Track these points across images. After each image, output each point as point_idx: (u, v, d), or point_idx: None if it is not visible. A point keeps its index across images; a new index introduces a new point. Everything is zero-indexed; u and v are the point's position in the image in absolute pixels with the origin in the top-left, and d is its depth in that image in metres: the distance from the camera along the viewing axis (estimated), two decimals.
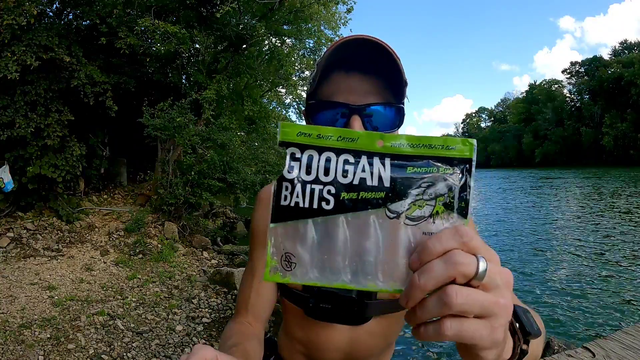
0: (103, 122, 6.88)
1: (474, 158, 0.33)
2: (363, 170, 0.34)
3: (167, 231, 6.21)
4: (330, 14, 9.29)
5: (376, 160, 0.34)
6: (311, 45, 9.79)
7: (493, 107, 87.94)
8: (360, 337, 0.75)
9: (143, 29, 6.50)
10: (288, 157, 0.35)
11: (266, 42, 9.04)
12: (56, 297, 4.00)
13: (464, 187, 0.33)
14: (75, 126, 5.95)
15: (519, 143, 61.87)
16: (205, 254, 6.13)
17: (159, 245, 5.78)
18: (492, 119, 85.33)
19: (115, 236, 5.85)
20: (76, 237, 5.64)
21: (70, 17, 6.80)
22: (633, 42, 53.68)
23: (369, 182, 0.33)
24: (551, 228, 9.20)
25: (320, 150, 0.34)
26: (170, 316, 3.94)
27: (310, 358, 0.83)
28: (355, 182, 0.33)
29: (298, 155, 0.35)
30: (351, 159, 0.34)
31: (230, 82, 8.02)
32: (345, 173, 0.34)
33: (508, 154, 65.42)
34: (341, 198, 0.33)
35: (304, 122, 0.68)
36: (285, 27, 8.90)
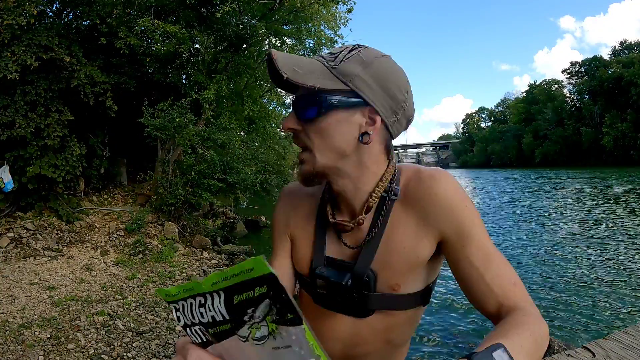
0: (103, 122, 6.89)
1: (271, 269, 0.36)
2: (209, 310, 0.41)
3: (167, 231, 6.21)
4: (330, 14, 9.29)
5: (215, 297, 0.40)
6: (311, 45, 9.79)
7: (493, 107, 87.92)
8: (361, 331, 0.75)
9: (143, 29, 6.51)
10: (173, 311, 0.45)
11: (266, 42, 9.03)
12: (56, 297, 4.00)
13: (279, 300, 0.36)
14: (75, 126, 5.95)
15: (519, 143, 61.81)
16: (205, 254, 6.14)
17: (159, 245, 5.78)
18: (492, 119, 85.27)
19: (115, 236, 5.86)
20: (76, 237, 5.64)
21: (70, 17, 6.80)
22: (633, 42, 53.65)
23: (217, 318, 0.41)
24: (551, 228, 9.20)
25: (184, 299, 0.43)
26: (170, 316, 3.94)
27: None
28: (210, 320, 0.41)
29: (177, 307, 0.44)
30: (202, 300, 0.42)
31: (230, 82, 8.02)
32: (202, 315, 0.42)
33: (508, 154, 65.35)
34: (211, 333, 0.42)
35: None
36: (285, 27, 8.89)
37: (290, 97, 0.78)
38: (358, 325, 0.75)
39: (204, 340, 0.43)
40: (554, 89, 59.40)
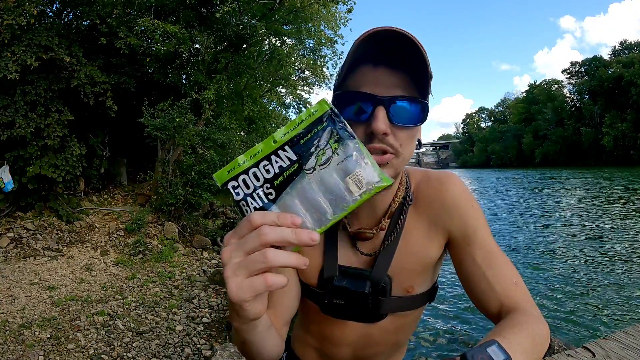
0: (103, 122, 6.88)
1: (330, 105, 0.46)
2: (277, 162, 0.46)
3: (167, 231, 6.21)
4: (330, 14, 9.28)
5: (280, 152, 0.46)
6: (311, 45, 9.79)
7: (493, 107, 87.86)
8: (373, 334, 0.75)
9: (143, 29, 6.50)
10: (231, 190, 0.47)
11: (266, 42, 9.03)
12: (56, 297, 4.00)
13: (337, 123, 0.46)
14: (75, 126, 5.95)
15: (519, 143, 61.79)
16: (205, 254, 6.14)
17: (159, 245, 5.78)
18: (492, 119, 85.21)
19: (115, 236, 5.86)
20: (76, 237, 5.64)
21: (70, 17, 6.79)
22: (633, 42, 53.63)
23: (284, 165, 0.46)
24: (551, 228, 9.19)
25: (246, 171, 0.47)
26: (170, 316, 3.94)
27: (322, 352, 0.83)
28: (277, 170, 0.46)
29: (235, 184, 0.47)
30: (267, 163, 0.46)
31: (230, 82, 8.02)
32: (267, 172, 0.46)
33: (508, 154, 65.33)
34: (277, 184, 0.46)
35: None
36: (285, 27, 8.89)
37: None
38: (369, 329, 0.75)
39: (265, 201, 0.46)
40: (554, 89, 59.37)
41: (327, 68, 10.35)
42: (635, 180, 20.13)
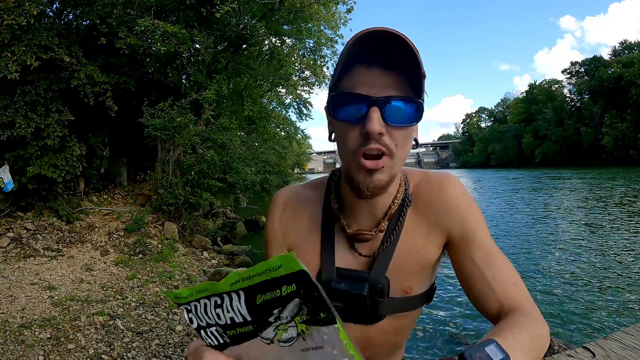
0: (103, 122, 6.89)
1: (303, 266, 0.33)
2: (228, 311, 0.38)
3: (167, 231, 6.21)
4: (330, 14, 9.29)
5: (234, 297, 0.37)
6: (311, 45, 9.79)
7: (493, 107, 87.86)
8: (371, 336, 0.75)
9: (143, 29, 6.50)
10: (185, 313, 0.42)
11: (266, 42, 9.03)
12: (56, 297, 4.00)
13: (312, 299, 0.33)
14: (75, 126, 5.95)
15: (519, 143, 61.79)
16: (205, 254, 6.14)
17: (159, 245, 5.78)
18: (492, 119, 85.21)
19: (115, 236, 5.86)
20: (76, 237, 5.64)
21: (70, 17, 6.80)
22: (633, 42, 53.64)
23: (236, 320, 0.38)
24: (551, 228, 9.20)
25: (197, 300, 0.40)
26: (170, 316, 3.94)
27: None
28: (228, 321, 0.39)
29: (188, 308, 0.41)
30: (219, 300, 0.39)
31: (230, 82, 8.02)
32: (218, 316, 0.39)
33: (508, 154, 65.34)
34: (230, 335, 0.39)
35: (302, 124, 0.69)
36: (285, 27, 8.90)
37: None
38: (367, 331, 0.74)
39: (221, 342, 0.41)
40: (554, 89, 59.38)
41: (327, 68, 10.35)
42: (636, 180, 20.14)
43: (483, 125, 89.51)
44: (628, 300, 4.59)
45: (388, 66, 0.60)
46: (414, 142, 0.67)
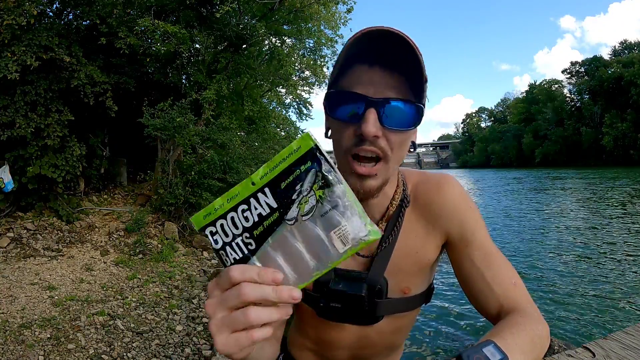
0: (103, 122, 6.88)
1: (316, 141, 0.41)
2: (256, 208, 0.43)
3: (167, 231, 6.21)
4: (330, 13, 9.29)
5: (260, 196, 0.42)
6: (311, 45, 9.79)
7: (493, 107, 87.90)
8: (370, 336, 0.75)
9: (143, 29, 6.50)
10: (209, 236, 0.45)
11: (266, 42, 9.03)
12: (56, 297, 4.00)
13: (323, 164, 0.40)
14: (75, 126, 5.95)
15: (519, 143, 61.80)
16: (205, 253, 6.13)
17: (159, 245, 5.78)
18: (492, 119, 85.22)
19: (115, 236, 5.85)
20: (76, 237, 5.64)
21: (70, 17, 6.79)
22: (633, 42, 53.64)
23: (263, 213, 0.42)
24: (551, 228, 9.19)
25: (224, 215, 0.44)
26: (170, 316, 3.94)
27: (319, 355, 0.83)
28: (256, 219, 0.43)
29: (213, 230, 0.44)
30: (246, 206, 0.43)
31: (230, 82, 8.02)
32: (246, 219, 0.43)
33: (508, 154, 65.35)
34: (256, 234, 0.43)
35: (302, 124, 0.69)
36: (285, 27, 8.89)
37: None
38: (366, 331, 0.74)
39: (245, 252, 0.43)
40: (554, 89, 59.38)
41: (327, 68, 10.35)
42: (636, 180, 20.12)
43: (483, 125, 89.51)
44: (628, 300, 4.59)
45: (389, 67, 0.59)
46: (410, 146, 0.66)
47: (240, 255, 0.43)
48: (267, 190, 0.42)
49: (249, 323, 0.39)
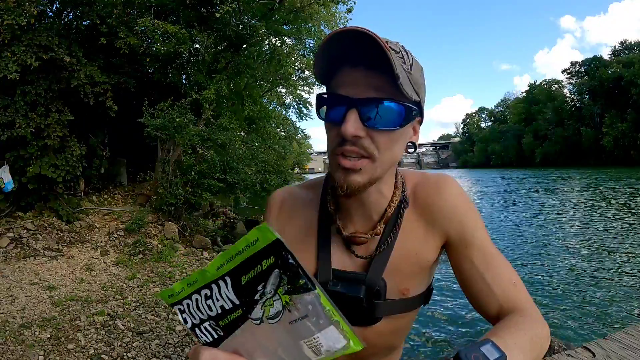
0: (103, 122, 6.88)
1: (277, 235, 0.35)
2: (217, 299, 0.40)
3: (167, 231, 6.21)
4: (330, 14, 9.30)
5: (221, 284, 0.39)
6: (311, 45, 9.79)
7: (493, 107, 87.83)
8: (368, 337, 0.75)
9: (143, 29, 6.50)
10: (178, 313, 0.44)
11: (266, 42, 9.04)
12: (56, 297, 4.00)
13: (288, 266, 0.35)
14: (75, 126, 5.95)
15: (519, 143, 61.81)
16: (205, 254, 6.13)
17: (159, 245, 5.78)
18: (492, 119, 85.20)
19: (115, 236, 5.85)
20: (76, 237, 5.64)
21: (70, 17, 6.79)
22: (633, 42, 53.65)
23: (226, 307, 0.39)
24: (551, 228, 9.19)
25: (189, 296, 0.42)
26: (170, 316, 3.94)
27: None
28: (219, 310, 0.40)
29: (181, 308, 0.43)
30: (208, 292, 0.40)
31: (230, 82, 8.02)
32: (209, 308, 0.41)
33: (508, 154, 65.35)
34: (222, 325, 0.41)
35: (302, 124, 0.69)
36: (285, 27, 8.90)
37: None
38: (364, 333, 0.74)
39: (215, 337, 0.42)
40: (554, 89, 59.41)
41: None
42: (636, 180, 20.12)
43: (483, 125, 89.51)
44: (628, 300, 4.59)
45: (372, 67, 0.58)
46: (411, 146, 0.66)
47: (211, 339, 0.42)
48: (227, 279, 0.39)
49: None
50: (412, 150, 0.67)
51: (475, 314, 4.24)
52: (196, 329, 0.43)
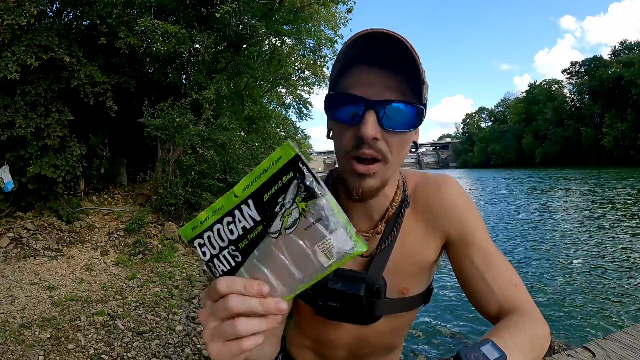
0: (103, 122, 6.88)
1: (297, 151, 0.40)
2: (240, 221, 0.43)
3: (167, 231, 6.21)
4: (330, 14, 9.29)
5: (244, 208, 0.42)
6: (311, 45, 9.80)
7: (493, 107, 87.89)
8: (367, 336, 0.75)
9: (143, 29, 6.50)
10: (197, 248, 0.45)
11: (266, 42, 9.04)
12: (56, 297, 4.00)
13: (305, 176, 0.39)
14: (75, 126, 5.95)
15: (519, 143, 61.81)
16: None
17: (159, 245, 5.78)
18: (492, 119, 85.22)
19: (115, 236, 5.85)
20: (76, 237, 5.64)
21: (70, 17, 6.79)
22: (633, 42, 53.64)
23: (247, 226, 0.42)
24: (551, 228, 9.19)
25: (210, 227, 0.44)
26: (170, 316, 3.94)
27: (318, 353, 0.84)
28: (240, 232, 0.43)
29: (201, 242, 0.45)
30: (230, 219, 0.43)
31: (230, 82, 8.02)
32: (231, 231, 0.43)
33: (508, 154, 65.36)
34: (242, 247, 0.43)
35: (302, 124, 0.69)
36: (285, 27, 8.90)
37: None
38: (363, 331, 0.74)
39: (233, 264, 0.44)
40: (554, 89, 59.39)
41: (327, 68, 10.36)
42: (636, 180, 20.11)
43: (483, 125, 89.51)
44: (628, 300, 4.59)
45: (388, 69, 0.59)
46: (413, 146, 0.66)
47: (228, 267, 0.44)
48: (250, 202, 0.42)
49: (238, 334, 0.40)
50: (414, 149, 0.67)
51: (475, 314, 4.24)
52: (214, 260, 0.45)
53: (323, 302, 0.70)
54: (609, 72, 46.81)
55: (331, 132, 0.67)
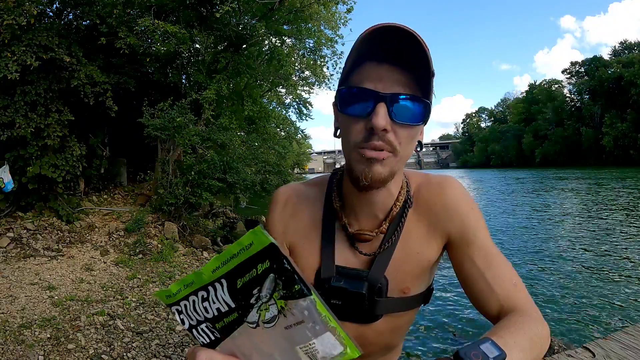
0: (103, 122, 6.89)
1: (271, 239, 0.35)
2: (214, 302, 0.39)
3: (167, 231, 6.21)
4: (330, 13, 9.30)
5: (217, 287, 0.39)
6: (311, 45, 9.80)
7: (493, 107, 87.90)
8: (367, 335, 0.75)
9: (143, 29, 6.50)
10: (176, 314, 0.44)
11: (266, 42, 9.04)
12: (56, 297, 4.00)
13: (284, 271, 0.35)
14: (75, 126, 5.95)
15: (519, 143, 61.82)
16: (205, 254, 6.13)
17: (159, 245, 5.78)
18: (492, 119, 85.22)
19: (115, 236, 5.85)
20: (76, 237, 5.64)
21: (70, 17, 6.79)
22: (633, 42, 53.65)
23: (222, 310, 0.39)
24: (551, 228, 9.19)
25: (186, 297, 0.42)
26: (170, 316, 3.94)
27: None
28: (215, 313, 0.40)
29: (179, 308, 0.43)
30: (205, 294, 0.40)
31: (230, 82, 8.02)
32: (206, 310, 0.40)
33: (508, 154, 65.37)
34: (219, 327, 0.41)
35: (302, 124, 0.69)
36: (285, 27, 8.91)
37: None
38: (363, 330, 0.74)
39: (212, 338, 0.42)
40: (554, 89, 59.41)
41: (327, 68, 10.40)
42: (636, 180, 20.11)
43: (483, 125, 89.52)
44: (628, 300, 4.59)
45: (398, 63, 0.60)
46: (417, 145, 0.67)
47: (208, 340, 0.42)
48: (223, 282, 0.39)
49: None
50: (419, 149, 0.68)
51: (475, 314, 4.24)
52: (193, 330, 0.43)
53: (325, 300, 0.70)
54: (609, 72, 46.82)
55: (338, 131, 0.67)
